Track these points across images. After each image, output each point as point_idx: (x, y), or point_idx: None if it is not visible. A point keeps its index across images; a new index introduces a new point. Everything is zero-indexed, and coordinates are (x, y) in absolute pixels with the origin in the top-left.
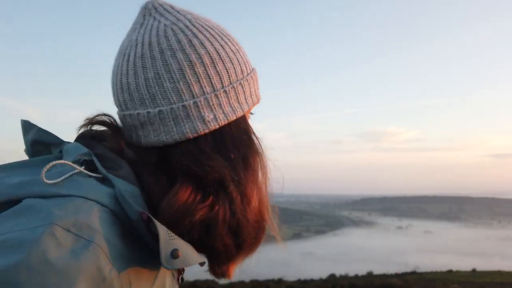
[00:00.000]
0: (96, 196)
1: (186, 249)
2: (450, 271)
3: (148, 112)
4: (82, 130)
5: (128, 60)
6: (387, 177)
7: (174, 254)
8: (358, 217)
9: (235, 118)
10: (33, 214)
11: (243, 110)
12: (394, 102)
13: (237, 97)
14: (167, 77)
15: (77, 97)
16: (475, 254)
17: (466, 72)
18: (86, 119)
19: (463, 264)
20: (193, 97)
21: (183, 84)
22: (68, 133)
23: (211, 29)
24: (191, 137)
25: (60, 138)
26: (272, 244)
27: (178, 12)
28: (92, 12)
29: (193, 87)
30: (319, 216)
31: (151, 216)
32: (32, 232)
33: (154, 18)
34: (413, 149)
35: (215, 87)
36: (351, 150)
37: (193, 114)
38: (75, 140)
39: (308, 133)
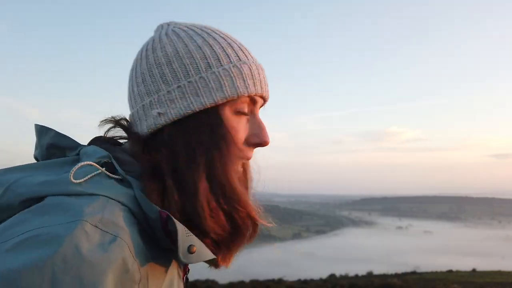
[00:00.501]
0: (118, 196)
1: (199, 245)
2: (450, 271)
3: (130, 115)
4: (105, 127)
5: None
6: (388, 177)
7: (190, 249)
8: (358, 217)
9: (191, 111)
10: (62, 211)
11: (204, 103)
12: (396, 102)
13: (196, 90)
14: (136, 83)
15: (78, 97)
16: (475, 254)
17: (467, 72)
18: (112, 118)
19: (463, 264)
20: (150, 96)
21: (144, 86)
22: (69, 133)
23: (184, 31)
24: (148, 133)
25: (77, 141)
26: (272, 245)
27: (168, 25)
28: (92, 12)
29: (151, 87)
30: (319, 216)
31: (170, 214)
32: (65, 227)
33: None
34: (414, 149)
35: (170, 83)
36: (352, 150)
37: (148, 112)
38: (90, 144)
39: (309, 133)
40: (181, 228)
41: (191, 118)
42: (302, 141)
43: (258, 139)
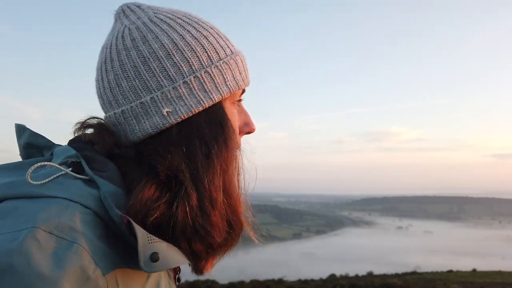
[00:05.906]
0: (80, 198)
1: (167, 252)
2: (450, 271)
3: (115, 113)
4: (75, 134)
5: (96, 67)
6: (388, 177)
7: (154, 257)
8: (358, 217)
9: (202, 108)
10: (16, 216)
11: (213, 99)
12: (396, 102)
13: (203, 86)
14: (124, 77)
15: (78, 97)
16: (475, 254)
17: (468, 72)
18: (78, 123)
19: (463, 264)
20: (150, 93)
21: (139, 81)
22: (69, 133)
23: (172, 20)
24: (153, 133)
25: (51, 141)
26: (272, 245)
27: (143, 10)
28: (93, 11)
29: (150, 83)
30: (319, 216)
31: (131, 220)
32: (14, 236)
33: (121, 22)
34: (414, 149)
35: (173, 79)
36: (352, 150)
37: (151, 110)
38: (69, 144)
39: (310, 133)
40: (142, 234)
41: (200, 115)
42: (302, 141)
43: (248, 128)
